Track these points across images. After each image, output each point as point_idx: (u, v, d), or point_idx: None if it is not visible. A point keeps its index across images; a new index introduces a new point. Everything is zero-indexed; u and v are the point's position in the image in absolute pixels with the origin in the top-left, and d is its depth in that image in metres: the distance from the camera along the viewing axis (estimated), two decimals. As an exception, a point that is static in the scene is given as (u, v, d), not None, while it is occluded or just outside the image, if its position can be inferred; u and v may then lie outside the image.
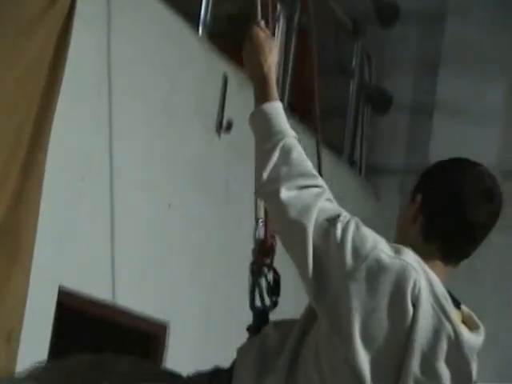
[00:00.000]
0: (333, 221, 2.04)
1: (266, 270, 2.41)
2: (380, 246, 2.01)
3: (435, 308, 1.97)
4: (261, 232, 2.47)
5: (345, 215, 2.06)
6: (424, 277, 1.98)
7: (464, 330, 1.99)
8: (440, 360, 1.97)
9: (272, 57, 2.26)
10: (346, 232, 2.01)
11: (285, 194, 2.06)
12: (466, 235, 2.10)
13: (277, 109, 2.18)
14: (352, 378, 1.96)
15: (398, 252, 2.01)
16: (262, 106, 2.18)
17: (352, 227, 2.03)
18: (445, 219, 2.09)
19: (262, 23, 2.36)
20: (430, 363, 1.97)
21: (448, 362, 1.98)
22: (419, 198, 2.12)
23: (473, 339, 2.02)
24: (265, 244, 2.45)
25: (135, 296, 3.80)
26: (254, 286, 2.41)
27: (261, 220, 2.47)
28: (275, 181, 2.09)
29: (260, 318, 2.35)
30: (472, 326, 2.06)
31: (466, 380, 2.01)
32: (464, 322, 2.06)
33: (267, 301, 2.36)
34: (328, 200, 2.10)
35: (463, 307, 2.10)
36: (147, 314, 3.85)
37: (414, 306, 1.95)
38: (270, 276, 2.40)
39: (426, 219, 2.10)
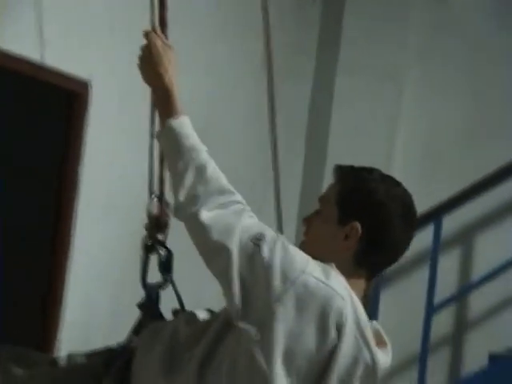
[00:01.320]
0: (258, 241, 1.98)
1: (158, 246, 2.31)
2: (309, 270, 1.96)
3: (357, 337, 1.97)
4: (154, 207, 2.36)
5: (270, 234, 2.00)
6: (350, 305, 1.97)
7: (379, 355, 2.00)
8: (354, 383, 2.00)
9: (172, 68, 2.15)
10: (272, 253, 1.96)
11: (205, 214, 1.99)
12: (394, 262, 2.12)
13: (184, 124, 2.09)
14: None
15: (327, 276, 1.97)
16: (168, 125, 2.09)
17: (279, 248, 1.97)
18: (382, 253, 2.07)
19: (159, 30, 2.25)
20: None
21: None
22: (358, 227, 2.05)
23: (384, 361, 2.04)
24: (158, 220, 2.34)
25: (59, 53, 3.62)
26: (146, 262, 2.31)
27: (154, 195, 2.37)
28: (193, 201, 2.01)
29: (152, 295, 2.27)
30: (379, 342, 2.04)
31: None
32: (375, 337, 2.05)
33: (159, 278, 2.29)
34: (250, 216, 2.04)
35: (373, 323, 2.07)
36: (70, 72, 3.68)
37: (339, 333, 1.95)
38: (163, 253, 2.30)
39: (363, 249, 2.05)
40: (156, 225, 2.28)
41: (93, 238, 3.82)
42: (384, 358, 2.03)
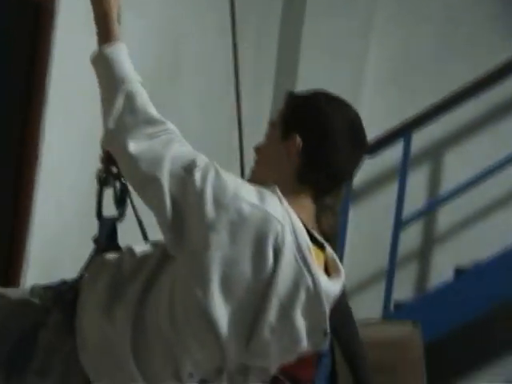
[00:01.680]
0: (190, 169, 1.94)
1: (112, 179, 2.25)
2: (242, 194, 1.92)
3: (298, 260, 1.92)
4: None
5: (202, 161, 1.96)
6: (289, 227, 1.92)
7: (323, 280, 1.95)
8: (296, 310, 1.94)
9: None
10: (204, 180, 1.92)
11: (133, 146, 1.94)
12: (339, 181, 2.07)
13: (118, 51, 2.03)
14: (206, 326, 1.92)
15: (261, 199, 1.93)
16: (102, 50, 2.03)
17: (211, 175, 1.93)
18: (323, 169, 2.01)
19: None
20: (287, 313, 1.94)
21: (304, 312, 1.96)
22: (298, 140, 2.01)
23: (331, 287, 1.98)
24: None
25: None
26: (101, 194, 2.26)
27: None
28: (121, 131, 1.97)
29: (105, 228, 2.24)
30: (333, 270, 2.03)
31: (319, 327, 1.99)
32: (326, 264, 2.03)
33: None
34: (181, 145, 1.99)
35: (328, 249, 2.05)
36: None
37: (276, 257, 1.90)
38: (118, 185, 2.25)
39: (304, 164, 2.01)
40: (110, 158, 2.18)
41: (61, 150, 3.81)
42: (332, 285, 1.98)
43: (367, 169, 5.23)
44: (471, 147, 5.44)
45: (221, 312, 1.91)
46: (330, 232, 2.15)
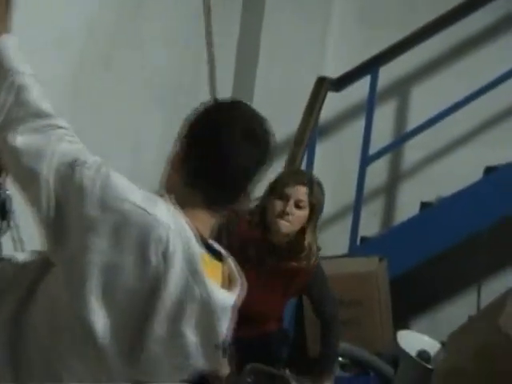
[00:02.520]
0: (76, 166, 1.83)
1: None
2: (130, 197, 1.81)
3: (187, 269, 1.80)
4: None
5: (91, 159, 1.86)
6: (178, 234, 1.81)
7: (216, 292, 1.84)
8: (186, 323, 1.82)
9: None
10: (92, 179, 1.82)
11: (18, 139, 1.83)
12: (226, 180, 1.91)
13: (6, 43, 1.91)
14: (83, 335, 1.80)
15: (150, 205, 1.82)
16: None
17: (100, 175, 1.83)
18: (204, 165, 1.90)
19: None
20: (176, 326, 1.82)
21: (196, 326, 1.83)
22: (182, 144, 1.94)
23: (225, 298, 1.87)
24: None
25: None
26: None
27: None
28: (6, 124, 1.84)
29: None
30: (232, 281, 1.94)
31: (213, 342, 1.86)
32: (224, 275, 1.94)
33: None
34: (70, 141, 1.88)
35: (228, 260, 1.95)
36: None
37: (163, 265, 1.78)
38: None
39: (187, 166, 1.91)
40: None
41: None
42: (226, 297, 1.88)
43: (334, 104, 5.24)
44: (438, 83, 5.44)
45: (100, 321, 1.78)
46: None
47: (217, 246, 1.95)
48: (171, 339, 1.82)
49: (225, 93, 5.07)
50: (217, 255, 1.93)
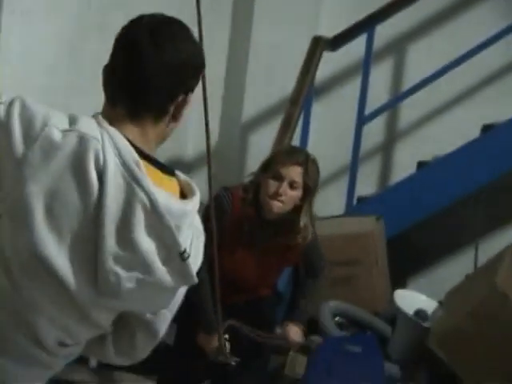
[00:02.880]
0: None
1: None
2: (52, 122, 1.76)
3: (126, 177, 1.76)
4: None
5: (6, 96, 1.81)
6: (108, 143, 1.76)
7: (161, 195, 1.78)
8: (138, 231, 1.76)
9: None
10: (10, 114, 1.76)
11: None
12: (138, 87, 1.84)
13: None
14: (43, 269, 1.74)
15: (73, 123, 1.78)
16: None
17: (17, 107, 1.77)
18: (117, 77, 1.86)
19: None
20: (128, 237, 1.76)
21: (149, 232, 1.77)
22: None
23: (175, 204, 1.80)
24: None
25: None
26: None
27: None
28: None
29: None
30: (189, 193, 1.87)
31: (172, 246, 1.79)
32: (182, 189, 1.88)
33: None
34: None
35: (179, 174, 1.89)
36: None
37: (101, 177, 1.74)
38: None
39: (106, 82, 1.87)
40: None
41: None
42: (176, 203, 1.81)
43: (331, 64, 5.20)
44: (434, 41, 5.40)
45: (55, 250, 1.74)
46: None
47: (165, 164, 1.90)
48: (125, 250, 1.77)
49: (219, 54, 5.06)
50: (166, 170, 1.88)
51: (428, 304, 4.44)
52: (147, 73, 1.84)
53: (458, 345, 4.02)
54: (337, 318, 4.42)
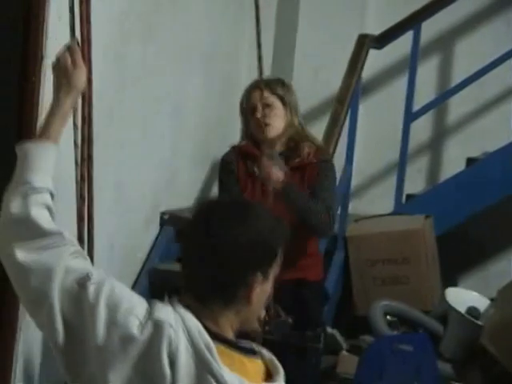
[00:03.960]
0: (83, 283, 1.82)
1: None
2: (135, 311, 1.79)
3: (196, 363, 1.75)
4: None
5: (97, 274, 1.84)
6: (181, 329, 1.77)
7: (231, 379, 1.76)
8: None
9: (71, 95, 2.02)
10: (99, 299, 1.80)
11: (22, 256, 1.83)
12: (188, 274, 1.86)
13: (42, 152, 1.95)
14: None
15: (152, 309, 1.79)
16: (27, 143, 1.97)
17: (106, 290, 1.81)
18: (181, 268, 1.88)
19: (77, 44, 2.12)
20: None
21: None
22: None
23: None
24: None
25: None
26: None
27: None
28: (12, 239, 1.86)
29: None
30: (274, 372, 1.84)
31: None
32: (267, 369, 1.85)
33: None
34: (75, 256, 1.87)
35: (264, 353, 1.87)
36: None
37: (173, 365, 1.75)
38: None
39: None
40: None
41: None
42: None
43: (377, 61, 5.18)
44: (481, 36, 5.35)
45: None
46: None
47: (245, 343, 1.87)
48: None
49: (265, 54, 5.05)
50: (248, 351, 1.85)
51: (480, 301, 4.39)
52: (202, 264, 1.83)
53: (510, 341, 3.97)
54: (388, 317, 4.40)
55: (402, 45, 5.08)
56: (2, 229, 1.91)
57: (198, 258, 1.83)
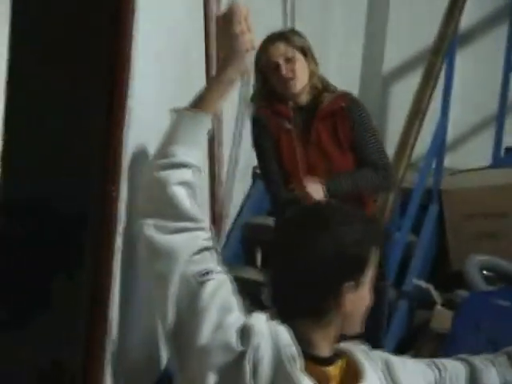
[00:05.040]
0: (203, 280, 1.79)
1: None
2: (239, 321, 1.76)
3: (279, 376, 1.71)
4: None
5: (217, 272, 1.82)
6: (270, 340, 1.73)
7: None
8: None
9: (236, 66, 1.91)
10: (214, 298, 1.77)
11: (153, 233, 1.83)
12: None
13: (194, 123, 1.88)
14: None
15: (248, 320, 1.76)
16: (182, 110, 1.90)
17: (222, 293, 1.79)
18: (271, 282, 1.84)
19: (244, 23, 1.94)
20: None
21: None
22: None
23: None
24: None
25: None
26: None
27: None
28: (146, 212, 1.85)
29: None
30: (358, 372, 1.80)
31: None
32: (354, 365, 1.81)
33: None
34: (204, 246, 1.84)
35: (352, 351, 1.83)
36: None
37: (254, 373, 1.71)
38: None
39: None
40: None
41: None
42: None
43: (475, 11, 5.04)
44: None
45: None
46: None
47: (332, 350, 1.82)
48: None
49: (359, 2, 4.96)
50: (333, 359, 1.81)
51: None
52: (287, 278, 1.78)
53: None
54: (484, 272, 4.32)
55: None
56: (140, 197, 1.89)
57: (282, 274, 1.78)
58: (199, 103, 1.92)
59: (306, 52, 3.33)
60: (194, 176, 1.90)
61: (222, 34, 1.95)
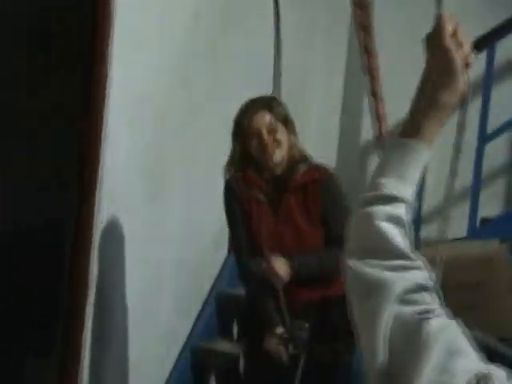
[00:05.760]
0: (425, 317, 1.53)
1: None
2: (470, 368, 1.47)
3: None
4: None
5: (441, 313, 1.53)
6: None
7: None
8: None
9: (452, 88, 1.56)
10: (439, 336, 1.50)
11: (369, 271, 1.59)
12: None
13: (409, 154, 1.58)
14: None
15: (489, 374, 1.45)
16: (401, 138, 1.60)
17: (449, 332, 1.51)
18: None
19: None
20: None
21: None
22: None
23: None
24: None
25: None
26: None
27: None
28: (357, 252, 1.60)
29: None
30: None
31: None
32: None
33: None
34: (421, 289, 1.57)
35: None
36: None
37: None
38: None
39: None
40: None
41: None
42: None
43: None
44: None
45: None
46: None
47: None
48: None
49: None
50: None
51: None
52: None
53: None
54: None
55: (476, 65, 4.96)
56: (350, 234, 1.67)
57: None
58: (414, 131, 1.64)
59: (286, 123, 3.32)
60: (404, 211, 1.66)
61: (431, 52, 1.65)
